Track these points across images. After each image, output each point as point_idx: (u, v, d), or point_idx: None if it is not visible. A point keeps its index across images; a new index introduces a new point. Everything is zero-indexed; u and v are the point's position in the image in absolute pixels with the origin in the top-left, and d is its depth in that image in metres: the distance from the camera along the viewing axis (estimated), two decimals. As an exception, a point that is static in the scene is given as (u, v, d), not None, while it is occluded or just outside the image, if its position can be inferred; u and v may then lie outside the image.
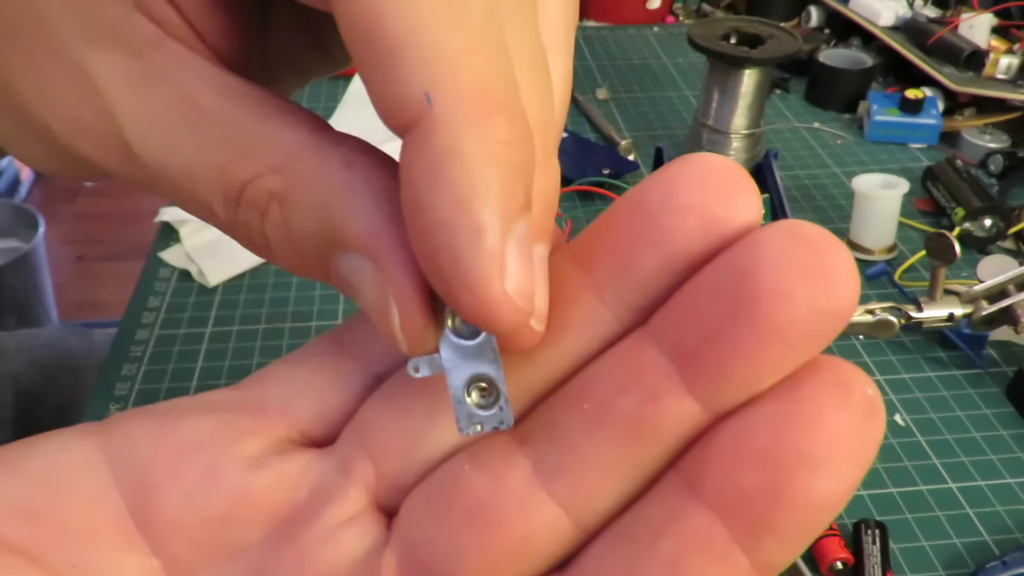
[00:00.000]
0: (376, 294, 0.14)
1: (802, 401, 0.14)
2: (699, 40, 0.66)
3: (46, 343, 0.80)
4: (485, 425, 0.15)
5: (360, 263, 0.14)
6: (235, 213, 0.15)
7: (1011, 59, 0.83)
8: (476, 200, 0.13)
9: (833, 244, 0.14)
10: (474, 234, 0.13)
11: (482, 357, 0.15)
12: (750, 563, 0.14)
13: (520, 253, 0.13)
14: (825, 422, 0.13)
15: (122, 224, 2.09)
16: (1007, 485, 0.49)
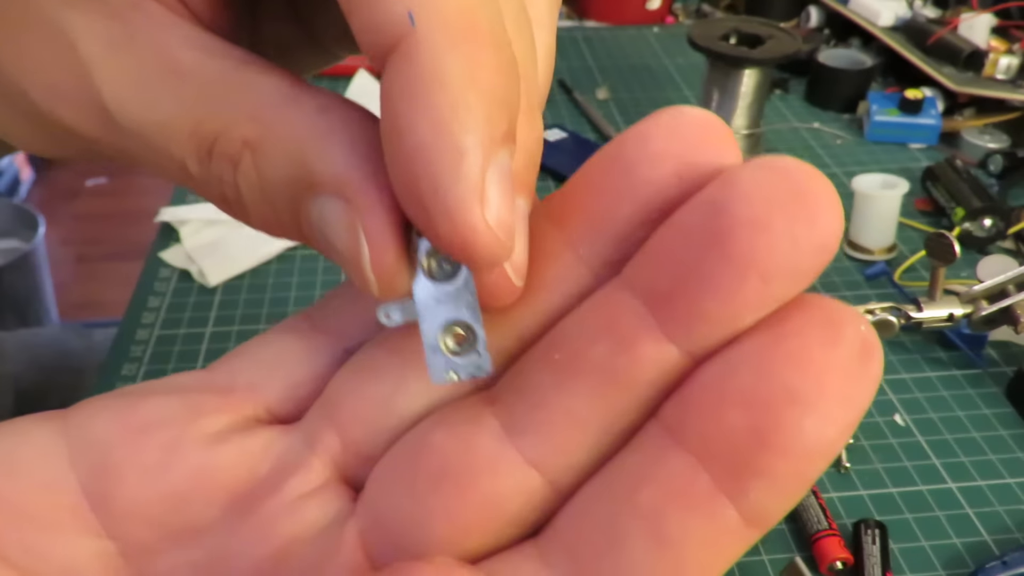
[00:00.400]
0: (347, 233, 0.14)
1: (787, 337, 0.13)
2: (699, 40, 0.66)
3: (46, 343, 0.80)
4: (461, 372, 0.14)
5: (332, 205, 0.14)
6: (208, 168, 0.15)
7: (1011, 59, 0.83)
8: (457, 122, 0.12)
9: (812, 174, 0.13)
10: (454, 157, 0.12)
11: (458, 300, 0.14)
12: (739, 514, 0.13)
13: (501, 185, 0.13)
14: (813, 358, 0.12)
15: (122, 224, 2.09)
16: (1007, 485, 0.50)
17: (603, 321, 0.14)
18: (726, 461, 0.13)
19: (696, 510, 0.13)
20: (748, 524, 0.13)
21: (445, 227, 0.13)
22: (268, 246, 0.68)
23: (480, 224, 0.13)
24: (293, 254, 0.68)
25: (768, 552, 0.46)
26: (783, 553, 0.46)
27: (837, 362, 0.12)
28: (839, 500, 0.48)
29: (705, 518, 0.13)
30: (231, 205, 0.15)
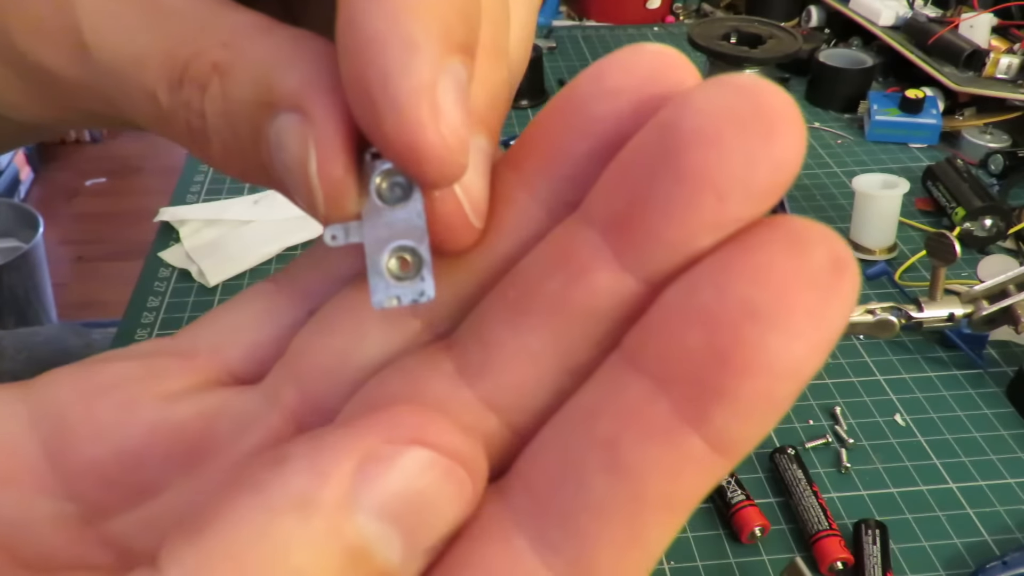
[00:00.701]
0: (298, 145, 0.13)
1: (748, 252, 0.12)
2: (699, 40, 0.66)
3: (45, 342, 0.80)
4: (403, 297, 0.14)
5: (288, 120, 0.13)
6: (177, 95, 0.14)
7: (1011, 59, 0.83)
8: (412, 16, 0.12)
9: (770, 89, 0.12)
10: (406, 49, 0.12)
11: (407, 224, 0.14)
12: (703, 441, 0.12)
13: (455, 94, 0.13)
14: (776, 271, 0.11)
15: (122, 224, 2.09)
16: (1007, 485, 0.49)
17: (557, 255, 0.13)
18: (685, 384, 0.12)
19: (654, 437, 0.12)
20: (715, 451, 0.12)
21: (391, 123, 0.12)
22: (268, 246, 0.68)
23: (428, 121, 0.12)
24: (293, 254, 0.68)
25: (768, 552, 0.45)
26: (783, 553, 0.45)
27: (803, 275, 0.11)
28: (839, 500, 0.48)
29: (664, 445, 0.12)
30: (195, 136, 0.15)
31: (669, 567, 0.45)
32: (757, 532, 0.45)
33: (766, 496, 0.48)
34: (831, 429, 0.53)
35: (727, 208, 0.12)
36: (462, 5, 0.13)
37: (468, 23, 0.13)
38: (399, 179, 0.14)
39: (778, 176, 0.12)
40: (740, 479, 0.47)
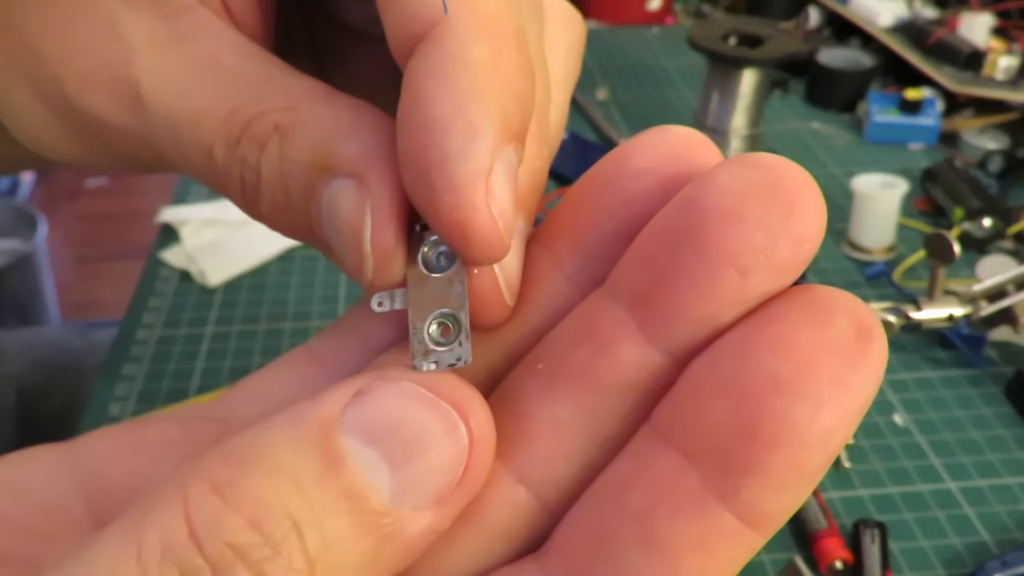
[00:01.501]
0: (354, 211, 0.14)
1: (770, 323, 0.12)
2: (699, 40, 0.67)
3: (48, 343, 0.80)
4: (442, 362, 0.14)
5: (344, 185, 0.14)
6: (233, 152, 0.15)
7: (1010, 59, 0.83)
8: (476, 104, 0.13)
9: (790, 167, 0.13)
10: (468, 135, 0.13)
11: (448, 293, 0.14)
12: (734, 514, 0.12)
13: (507, 177, 0.13)
14: (799, 341, 0.12)
15: (122, 224, 2.09)
16: (1007, 485, 0.50)
17: (584, 328, 0.14)
18: (714, 458, 0.12)
19: (686, 511, 0.12)
20: (747, 525, 0.12)
21: (447, 202, 0.13)
22: (268, 246, 0.68)
23: (482, 205, 0.13)
24: (293, 255, 0.68)
25: (768, 552, 0.46)
26: (783, 553, 0.46)
27: (826, 343, 0.12)
28: (839, 500, 0.49)
29: (695, 519, 0.12)
30: (246, 191, 0.15)
31: (669, 566, 0.45)
32: (756, 532, 0.45)
33: (765, 496, 0.49)
34: (830, 429, 0.53)
35: (750, 283, 0.12)
36: (520, 90, 0.13)
37: (523, 112, 0.14)
38: (444, 250, 0.14)
39: (800, 251, 0.12)
40: (740, 479, 0.48)
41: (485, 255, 0.13)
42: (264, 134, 0.15)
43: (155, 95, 0.15)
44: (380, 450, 0.13)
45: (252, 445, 0.12)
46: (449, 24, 0.13)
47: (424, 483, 0.13)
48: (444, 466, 0.13)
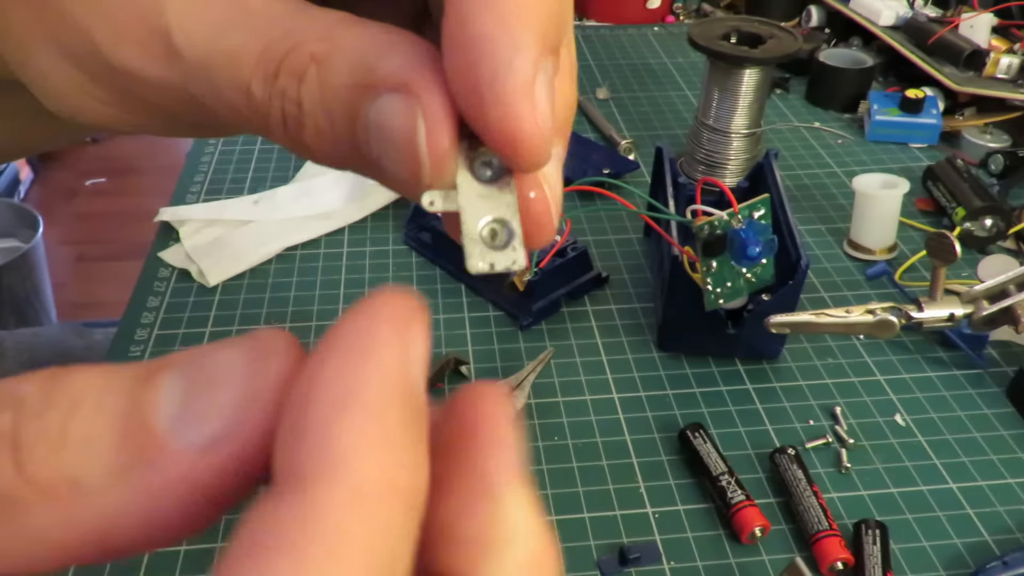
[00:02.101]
0: (405, 122, 0.14)
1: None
2: (699, 40, 0.66)
3: (46, 342, 0.80)
4: (498, 263, 0.14)
5: (392, 99, 0.14)
6: (272, 86, 0.15)
7: (1011, 59, 0.83)
8: (520, 21, 0.14)
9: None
10: (513, 50, 0.14)
11: (500, 200, 0.15)
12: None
13: (547, 89, 0.14)
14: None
15: (122, 224, 2.09)
16: (1007, 485, 0.49)
17: None
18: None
19: None
20: None
21: (496, 113, 0.14)
22: (268, 246, 0.67)
23: (528, 115, 0.14)
24: (293, 254, 0.68)
25: (768, 552, 0.45)
26: (783, 553, 0.45)
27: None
28: (839, 500, 0.48)
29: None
30: (288, 125, 0.15)
31: (669, 567, 0.45)
32: (757, 532, 0.45)
33: (766, 496, 0.48)
34: (831, 429, 0.53)
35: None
36: (557, 13, 0.14)
37: (559, 29, 0.15)
38: (492, 160, 0.15)
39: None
40: (740, 479, 0.47)
41: (532, 161, 0.14)
42: (301, 65, 0.15)
43: (188, 41, 0.15)
44: (186, 377, 0.12)
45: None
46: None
47: (204, 415, 0.12)
48: (225, 406, 0.12)
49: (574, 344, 0.59)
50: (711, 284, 0.52)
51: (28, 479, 0.12)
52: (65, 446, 0.12)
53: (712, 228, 0.51)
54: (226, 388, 0.12)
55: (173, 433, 0.12)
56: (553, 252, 0.61)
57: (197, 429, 0.12)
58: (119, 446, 0.12)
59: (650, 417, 0.54)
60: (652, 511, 0.48)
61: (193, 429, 0.12)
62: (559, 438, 0.52)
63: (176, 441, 0.12)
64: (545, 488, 0.49)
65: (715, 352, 0.58)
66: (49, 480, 0.12)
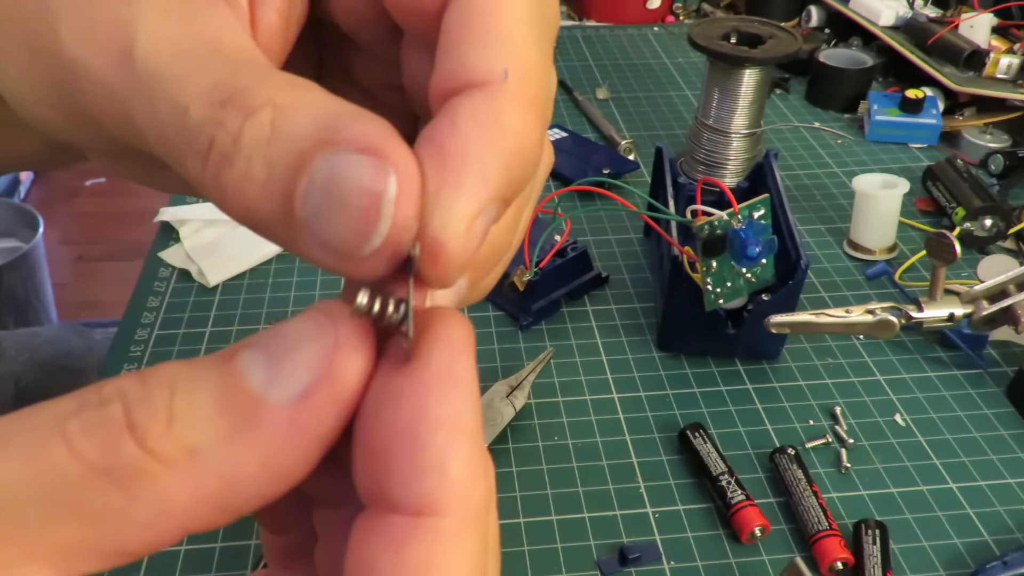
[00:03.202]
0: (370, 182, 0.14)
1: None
2: (699, 40, 0.66)
3: (46, 342, 0.80)
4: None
5: (355, 159, 0.14)
6: (212, 112, 0.15)
7: (1011, 59, 0.83)
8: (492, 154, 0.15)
9: None
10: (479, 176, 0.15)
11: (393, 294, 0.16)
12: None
13: (483, 231, 0.15)
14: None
15: (122, 224, 2.09)
16: (1007, 485, 0.49)
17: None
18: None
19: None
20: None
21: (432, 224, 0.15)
22: (268, 246, 0.67)
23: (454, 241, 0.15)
24: (292, 255, 0.67)
25: (768, 552, 0.45)
26: (783, 553, 0.45)
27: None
28: (839, 500, 0.48)
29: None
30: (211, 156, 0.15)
31: (669, 567, 0.45)
32: (757, 532, 0.45)
33: (766, 496, 0.48)
34: (831, 429, 0.53)
35: None
36: (527, 164, 0.16)
37: (522, 180, 0.16)
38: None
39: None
40: (740, 479, 0.47)
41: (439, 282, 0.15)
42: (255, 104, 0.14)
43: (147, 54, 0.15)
44: (263, 348, 0.14)
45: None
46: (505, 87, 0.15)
47: (290, 375, 0.14)
48: (310, 361, 0.14)
49: (574, 344, 0.59)
50: (711, 284, 0.52)
51: (150, 452, 0.13)
52: (175, 421, 0.14)
53: (712, 228, 0.51)
54: (304, 349, 0.14)
55: (268, 394, 0.14)
56: (553, 252, 0.61)
57: (289, 386, 0.14)
58: (223, 413, 0.14)
59: (650, 417, 0.54)
60: (652, 511, 0.48)
61: (285, 387, 0.14)
62: (559, 438, 0.52)
63: (273, 398, 0.14)
64: (545, 488, 0.49)
65: (715, 352, 0.58)
66: (169, 451, 0.13)
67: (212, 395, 0.14)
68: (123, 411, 0.13)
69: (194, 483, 0.13)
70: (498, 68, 0.15)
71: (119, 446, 0.13)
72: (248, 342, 0.15)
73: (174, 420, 0.14)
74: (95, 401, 0.14)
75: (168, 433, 0.13)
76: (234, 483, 0.14)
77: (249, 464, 0.14)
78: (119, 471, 0.13)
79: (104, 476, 0.13)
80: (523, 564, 0.45)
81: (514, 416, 0.52)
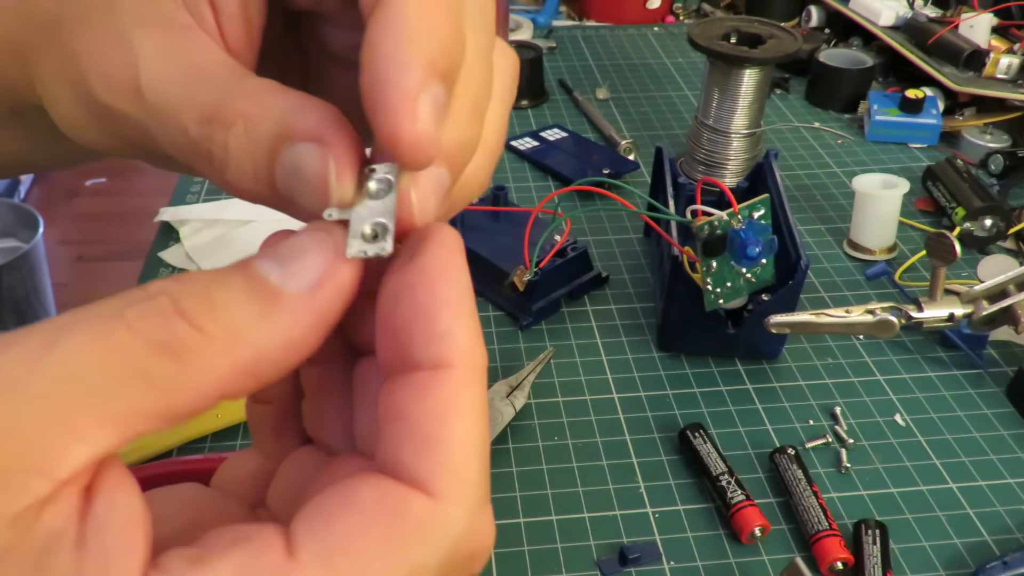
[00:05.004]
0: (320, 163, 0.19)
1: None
2: (699, 40, 0.66)
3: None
4: (369, 251, 0.19)
5: (307, 148, 0.19)
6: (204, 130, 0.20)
7: (1011, 59, 0.83)
8: (407, 45, 0.18)
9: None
10: (400, 68, 0.17)
11: (382, 207, 0.19)
12: None
13: (431, 107, 0.18)
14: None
15: (122, 224, 2.09)
16: (1007, 485, 0.49)
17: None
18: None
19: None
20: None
21: (382, 117, 0.18)
22: (268, 246, 0.67)
23: (406, 123, 0.17)
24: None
25: (768, 552, 0.45)
26: (783, 553, 0.45)
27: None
28: (839, 500, 0.48)
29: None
30: (214, 162, 0.20)
31: (669, 567, 0.45)
32: (757, 532, 0.45)
33: (766, 496, 0.48)
34: (831, 429, 0.53)
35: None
36: (445, 47, 0.18)
37: (449, 59, 0.18)
38: (381, 179, 0.19)
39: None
40: (740, 479, 0.47)
41: (410, 159, 0.18)
42: (230, 118, 0.19)
43: (151, 89, 0.20)
44: (274, 257, 0.18)
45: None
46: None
47: (300, 272, 0.18)
48: (315, 262, 0.18)
49: (574, 344, 0.59)
50: (711, 284, 0.52)
51: (199, 329, 0.17)
52: (215, 307, 0.17)
53: (712, 228, 0.51)
54: (310, 254, 0.18)
55: (286, 286, 0.18)
56: (553, 252, 0.61)
57: (302, 279, 0.18)
58: (252, 301, 0.18)
59: (650, 417, 0.54)
60: (652, 511, 0.48)
61: (299, 280, 0.18)
62: (559, 438, 0.52)
63: (290, 289, 0.18)
64: (545, 488, 0.49)
65: (715, 352, 0.58)
66: (213, 329, 0.17)
67: (240, 290, 0.18)
68: (171, 302, 0.17)
69: (233, 354, 0.17)
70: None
71: (173, 325, 0.17)
72: (259, 254, 0.19)
73: (214, 307, 0.17)
74: (143, 296, 0.17)
75: (211, 316, 0.17)
76: (263, 353, 0.17)
77: (275, 339, 0.18)
78: (173, 345, 0.17)
79: (161, 349, 0.16)
80: (523, 564, 0.45)
81: (514, 416, 0.52)
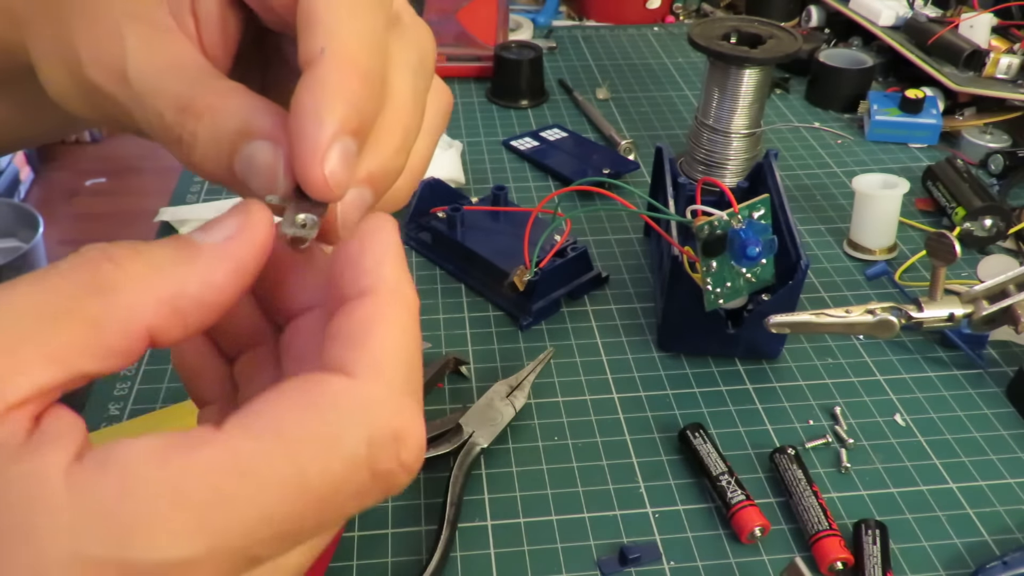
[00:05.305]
0: (272, 159, 0.23)
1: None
2: (699, 40, 0.66)
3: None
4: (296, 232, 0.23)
5: (262, 145, 0.23)
6: (176, 116, 0.23)
7: (1011, 59, 0.83)
8: (326, 103, 0.21)
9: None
10: (316, 123, 0.21)
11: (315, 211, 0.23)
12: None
13: (341, 155, 0.22)
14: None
15: (122, 224, 2.09)
16: (1007, 485, 0.49)
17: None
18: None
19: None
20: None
21: (298, 161, 0.22)
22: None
23: (315, 168, 0.21)
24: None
25: (768, 552, 0.45)
26: (783, 553, 0.45)
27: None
28: (839, 500, 0.48)
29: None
30: (184, 145, 0.24)
31: (669, 567, 0.45)
32: (757, 532, 0.45)
33: (766, 496, 0.48)
34: (831, 429, 0.53)
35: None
36: (360, 107, 0.22)
37: (360, 119, 0.22)
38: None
39: None
40: (740, 479, 0.47)
41: (319, 196, 0.22)
42: (200, 109, 0.23)
43: (135, 74, 0.24)
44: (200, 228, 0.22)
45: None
46: (323, 59, 0.22)
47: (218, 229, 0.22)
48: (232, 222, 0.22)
49: (574, 344, 0.59)
50: (711, 284, 0.52)
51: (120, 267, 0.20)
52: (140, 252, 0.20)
53: (712, 228, 0.51)
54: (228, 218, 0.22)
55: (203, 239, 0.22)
56: (553, 252, 0.61)
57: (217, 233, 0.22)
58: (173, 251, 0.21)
59: (650, 417, 0.54)
60: (652, 511, 0.48)
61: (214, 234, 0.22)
62: (559, 438, 0.52)
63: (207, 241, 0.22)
64: (545, 488, 0.49)
65: (715, 352, 0.58)
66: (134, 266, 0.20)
67: (164, 244, 0.21)
68: (100, 252, 0.20)
69: (154, 288, 0.20)
70: (316, 48, 0.22)
71: (98, 265, 0.20)
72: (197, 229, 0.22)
73: (139, 252, 0.20)
74: (77, 253, 0.20)
75: (134, 258, 0.20)
76: (183, 289, 0.20)
77: (194, 277, 0.21)
78: (99, 282, 0.19)
79: (88, 288, 0.19)
80: (523, 564, 0.45)
81: (514, 416, 0.52)
